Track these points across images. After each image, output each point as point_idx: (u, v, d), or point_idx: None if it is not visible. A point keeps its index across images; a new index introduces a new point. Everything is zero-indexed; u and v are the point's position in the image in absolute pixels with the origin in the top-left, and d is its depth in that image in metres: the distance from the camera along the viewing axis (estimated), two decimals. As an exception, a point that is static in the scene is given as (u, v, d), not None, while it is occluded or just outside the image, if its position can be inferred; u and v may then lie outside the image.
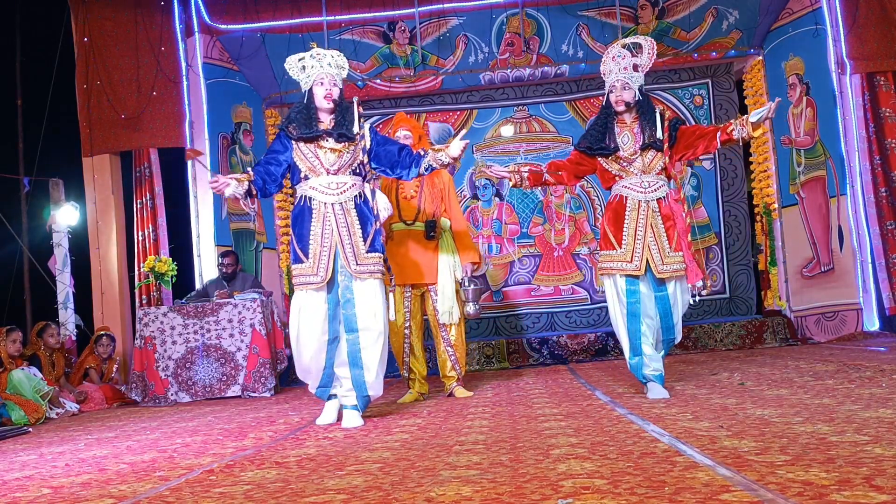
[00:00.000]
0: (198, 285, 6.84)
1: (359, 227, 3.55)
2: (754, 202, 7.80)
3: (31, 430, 4.59)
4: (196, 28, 7.16)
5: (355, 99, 3.67)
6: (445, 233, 4.54)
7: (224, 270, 6.48)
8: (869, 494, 1.57)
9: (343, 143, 3.57)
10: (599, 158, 3.79)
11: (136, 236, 7.18)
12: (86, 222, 7.29)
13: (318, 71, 3.59)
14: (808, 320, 7.00)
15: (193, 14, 7.15)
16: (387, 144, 3.69)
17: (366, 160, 3.62)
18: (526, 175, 3.87)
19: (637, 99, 3.74)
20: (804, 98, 6.98)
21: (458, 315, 4.52)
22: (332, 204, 3.53)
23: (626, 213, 3.70)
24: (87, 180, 7.31)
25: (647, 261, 3.65)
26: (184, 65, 7.12)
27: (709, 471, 1.90)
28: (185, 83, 7.11)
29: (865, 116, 6.72)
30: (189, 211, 7.05)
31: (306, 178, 3.58)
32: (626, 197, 3.72)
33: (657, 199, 3.70)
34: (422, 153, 3.63)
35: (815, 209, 6.95)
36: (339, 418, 3.60)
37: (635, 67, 3.75)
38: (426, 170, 3.62)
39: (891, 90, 6.73)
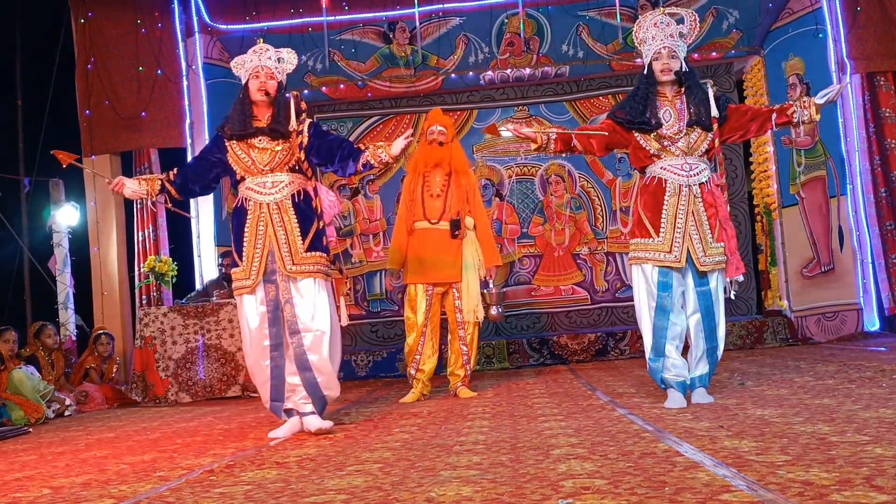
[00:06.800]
0: (198, 285, 6.83)
1: (297, 225, 3.37)
2: (754, 202, 7.80)
3: (31, 430, 4.59)
4: (196, 28, 7.15)
5: (293, 93, 3.50)
6: (470, 232, 4.52)
7: (224, 271, 6.48)
8: (869, 494, 1.57)
9: (277, 141, 3.39)
10: (636, 134, 3.41)
11: (136, 236, 7.17)
12: (86, 222, 7.29)
13: (255, 63, 3.42)
14: (808, 320, 6.99)
15: (193, 14, 7.14)
16: (326, 137, 3.52)
17: (302, 157, 3.42)
18: (553, 138, 3.43)
19: (684, 70, 3.42)
20: (804, 98, 6.96)
21: (482, 314, 4.50)
22: (268, 203, 3.37)
23: (665, 197, 3.34)
24: (87, 180, 7.31)
25: (689, 251, 3.34)
26: (184, 65, 7.12)
27: (709, 471, 1.90)
28: (185, 83, 7.10)
29: (865, 116, 6.72)
30: (189, 211, 7.05)
31: (243, 178, 3.43)
32: (664, 180, 3.35)
33: (700, 184, 3.35)
34: (362, 147, 3.44)
35: (816, 209, 6.94)
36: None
37: (681, 36, 3.43)
38: (364, 166, 3.42)
39: (891, 90, 6.72)
